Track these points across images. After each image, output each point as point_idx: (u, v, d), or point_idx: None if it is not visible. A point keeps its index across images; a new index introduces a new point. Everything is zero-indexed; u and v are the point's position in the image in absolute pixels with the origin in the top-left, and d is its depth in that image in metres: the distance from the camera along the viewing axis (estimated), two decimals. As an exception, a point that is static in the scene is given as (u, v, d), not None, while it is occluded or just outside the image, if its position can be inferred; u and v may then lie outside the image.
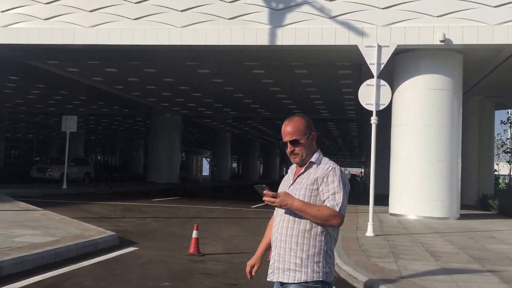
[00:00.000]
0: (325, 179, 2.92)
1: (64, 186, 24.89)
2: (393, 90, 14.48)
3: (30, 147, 69.17)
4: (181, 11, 16.73)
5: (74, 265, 7.34)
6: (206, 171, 48.51)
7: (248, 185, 47.86)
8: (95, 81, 26.21)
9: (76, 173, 33.00)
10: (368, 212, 11.21)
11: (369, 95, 11.28)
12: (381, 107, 11.27)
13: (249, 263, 3.17)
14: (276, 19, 16.14)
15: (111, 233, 9.70)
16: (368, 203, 11.57)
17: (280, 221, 2.97)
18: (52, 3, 17.46)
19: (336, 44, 15.87)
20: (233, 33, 16.30)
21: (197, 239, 8.64)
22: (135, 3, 17.04)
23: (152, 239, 10.32)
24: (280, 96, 28.46)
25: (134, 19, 17.01)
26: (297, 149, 3.02)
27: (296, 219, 2.90)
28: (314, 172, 2.97)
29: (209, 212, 17.19)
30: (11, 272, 6.54)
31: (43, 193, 21.74)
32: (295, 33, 15.96)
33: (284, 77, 23.13)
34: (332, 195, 2.87)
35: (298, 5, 16.09)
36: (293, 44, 16.06)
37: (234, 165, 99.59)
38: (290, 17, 16.08)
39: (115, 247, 9.03)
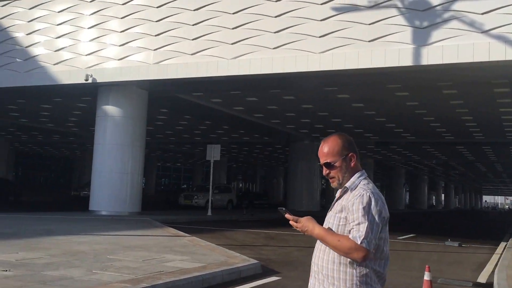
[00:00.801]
0: (350, 207, 2.67)
1: (209, 213, 26.00)
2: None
3: (178, 175, 73.64)
4: (319, 37, 16.91)
5: (220, 292, 7.58)
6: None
7: (393, 214, 46.32)
8: (236, 110, 27.33)
9: (220, 200, 34.27)
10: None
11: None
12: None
13: None
14: (420, 38, 15.64)
15: (254, 261, 9.89)
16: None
17: (316, 249, 2.81)
18: (197, 39, 18.64)
19: (490, 60, 14.89)
20: (373, 55, 16.09)
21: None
22: (274, 32, 17.57)
23: (294, 268, 10.36)
24: (427, 119, 27.39)
25: (273, 48, 17.52)
26: (332, 172, 2.81)
27: (327, 248, 2.71)
28: (346, 199, 2.75)
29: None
30: (162, 296, 6.92)
31: (189, 219, 22.88)
32: (442, 51, 15.31)
33: (431, 99, 22.25)
34: (356, 225, 2.62)
35: (445, 21, 15.46)
36: (440, 63, 15.39)
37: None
38: (436, 34, 15.49)
39: (258, 275, 9.19)
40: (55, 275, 7.23)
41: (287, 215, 2.76)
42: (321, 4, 16.98)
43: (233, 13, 18.20)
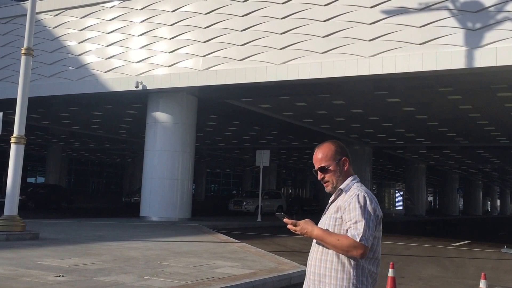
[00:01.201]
0: (347, 207, 2.79)
1: (259, 219, 26.04)
2: None
3: (227, 181, 74.18)
4: (369, 41, 16.72)
5: (270, 299, 7.55)
6: (399, 205, 47.03)
7: (447, 220, 45.22)
8: (285, 116, 27.31)
9: (269, 206, 34.31)
10: None
11: None
12: None
13: None
14: (473, 40, 15.24)
15: (305, 267, 9.80)
16: None
17: (312, 251, 2.90)
18: (246, 45, 18.75)
19: (546, 61, 14.42)
20: (424, 58, 15.78)
21: (393, 278, 8.31)
22: (323, 37, 17.48)
23: (345, 275, 10.21)
24: (481, 123, 26.64)
25: (322, 53, 17.43)
26: (327, 176, 2.94)
27: (325, 249, 2.81)
28: (341, 200, 2.87)
29: (404, 250, 16.54)
30: (213, 303, 6.95)
31: (239, 225, 22.98)
32: (496, 53, 14.88)
33: (484, 102, 21.64)
34: (353, 224, 2.73)
35: (499, 22, 15.02)
36: (494, 65, 14.97)
37: (430, 198, 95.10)
38: (489, 36, 15.07)
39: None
40: (107, 281, 7.37)
41: (285, 220, 2.85)
42: (371, 7, 16.79)
43: (282, 18, 18.22)
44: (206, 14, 19.71)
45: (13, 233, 12.08)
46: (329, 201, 2.97)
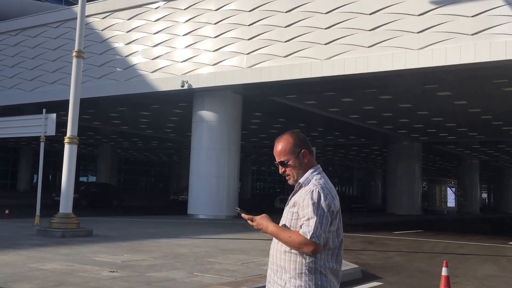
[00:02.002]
0: (301, 202, 2.77)
1: (306, 217, 25.97)
2: None
3: (273, 179, 74.30)
4: (417, 32, 16.46)
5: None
6: (451, 202, 46.04)
7: (503, 218, 43.96)
8: (331, 112, 27.17)
9: (316, 204, 34.13)
10: None
11: None
12: None
13: None
14: (528, 29, 14.80)
15: (354, 265, 9.79)
16: None
17: (272, 242, 2.92)
18: (290, 41, 18.77)
19: None
20: (477, 49, 15.41)
21: (447, 277, 8.17)
22: (369, 30, 17.32)
23: (396, 274, 10.13)
24: (539, 115, 25.83)
25: (368, 47, 17.27)
26: (288, 170, 2.91)
27: (282, 246, 2.83)
28: (298, 194, 2.84)
29: (458, 248, 16.22)
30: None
31: (286, 223, 22.98)
32: (552, 42, 14.42)
33: (541, 94, 20.97)
34: (306, 221, 2.72)
35: (555, 10, 14.55)
36: (552, 55, 14.50)
37: (484, 195, 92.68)
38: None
39: (358, 280, 9.09)
40: (158, 277, 7.57)
41: (243, 215, 2.87)
42: (419, -2, 16.53)
43: (326, 13, 18.15)
44: (249, 11, 19.83)
45: (68, 230, 12.52)
46: (291, 194, 2.96)
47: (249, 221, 2.89)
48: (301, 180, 2.88)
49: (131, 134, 40.90)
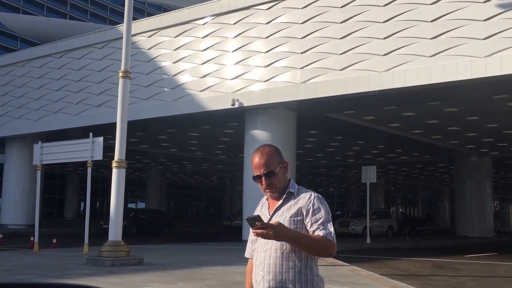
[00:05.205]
0: (310, 208, 2.93)
1: (368, 240, 25.60)
2: None
3: (331, 201, 73.64)
4: (484, 39, 16.08)
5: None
6: (527, 221, 44.33)
7: None
8: (392, 128, 26.76)
9: (378, 226, 33.64)
10: None
11: None
12: None
13: None
14: None
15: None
16: None
17: (266, 258, 2.93)
18: (346, 53, 18.67)
19: None
20: (552, 55, 14.90)
21: None
22: (430, 39, 17.04)
23: (471, 300, 9.78)
24: None
25: (430, 56, 16.98)
26: (274, 181, 3.03)
27: (285, 254, 2.90)
28: (295, 203, 2.99)
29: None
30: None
31: (347, 247, 22.65)
32: None
33: None
34: (321, 224, 2.88)
35: None
36: None
37: None
38: None
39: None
40: (214, 305, 7.55)
41: (258, 223, 2.80)
42: (484, 2, 16.17)
43: (384, 22, 17.99)
44: (302, 23, 19.86)
45: (118, 258, 12.72)
46: (268, 207, 3.10)
47: (259, 230, 2.81)
48: (291, 190, 3.07)
49: (180, 157, 41.45)
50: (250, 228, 2.91)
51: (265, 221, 2.92)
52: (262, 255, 2.97)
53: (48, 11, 61.01)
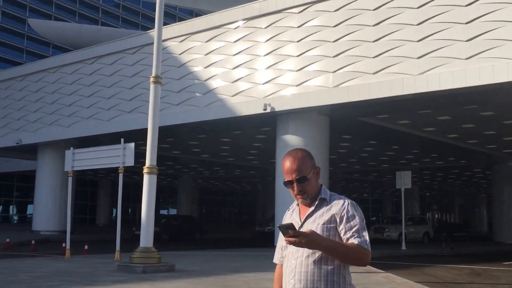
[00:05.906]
0: (344, 215, 2.87)
1: (403, 247, 25.31)
2: None
3: (365, 207, 73.03)
4: (521, 40, 15.76)
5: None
6: None
7: None
8: (427, 132, 26.41)
9: (414, 233, 33.33)
10: None
11: None
12: None
13: None
14: None
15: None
16: None
17: (296, 266, 2.88)
18: (379, 56, 18.52)
19: None
20: None
21: None
22: (466, 41, 16.78)
23: (510, 309, 9.57)
24: None
25: (466, 59, 16.73)
26: (306, 187, 2.96)
27: (317, 263, 2.83)
28: (328, 209, 2.93)
29: None
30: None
31: (381, 254, 22.42)
32: None
33: None
34: (356, 231, 2.83)
35: None
36: None
37: None
38: None
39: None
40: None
41: (291, 231, 2.74)
42: (521, 2, 15.85)
43: (418, 24, 17.79)
44: (334, 26, 19.78)
45: (149, 265, 12.79)
46: (298, 213, 3.02)
47: (291, 239, 2.73)
48: (323, 196, 3.00)
49: (212, 162, 41.59)
50: (281, 233, 2.86)
51: (296, 227, 2.84)
52: (293, 262, 2.91)
53: (80, 17, 62.13)
